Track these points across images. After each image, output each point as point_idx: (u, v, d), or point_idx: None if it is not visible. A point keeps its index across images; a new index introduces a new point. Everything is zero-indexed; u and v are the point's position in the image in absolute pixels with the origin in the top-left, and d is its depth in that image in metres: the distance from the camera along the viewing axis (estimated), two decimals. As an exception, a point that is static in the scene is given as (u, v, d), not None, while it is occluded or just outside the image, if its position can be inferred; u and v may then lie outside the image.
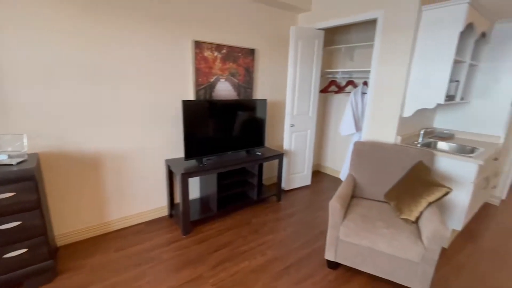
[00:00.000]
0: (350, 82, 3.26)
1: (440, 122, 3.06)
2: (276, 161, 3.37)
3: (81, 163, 2.10)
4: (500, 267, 2.07)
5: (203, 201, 2.76)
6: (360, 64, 3.34)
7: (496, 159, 2.52)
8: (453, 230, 2.29)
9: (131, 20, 2.09)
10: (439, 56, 2.12)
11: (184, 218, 2.29)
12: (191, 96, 2.55)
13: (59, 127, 1.95)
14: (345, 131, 3.07)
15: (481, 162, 1.98)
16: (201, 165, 2.36)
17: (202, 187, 2.80)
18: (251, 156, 2.74)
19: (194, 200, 2.79)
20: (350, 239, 1.78)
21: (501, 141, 2.64)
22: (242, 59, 2.78)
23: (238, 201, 2.76)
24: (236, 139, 2.68)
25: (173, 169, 2.36)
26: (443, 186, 1.70)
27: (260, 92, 3.09)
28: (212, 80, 2.62)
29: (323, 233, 2.44)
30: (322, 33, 3.03)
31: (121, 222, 2.41)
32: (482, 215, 2.89)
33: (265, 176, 3.48)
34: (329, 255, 1.89)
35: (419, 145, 2.45)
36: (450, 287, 1.84)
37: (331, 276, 1.90)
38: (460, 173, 2.10)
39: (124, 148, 2.28)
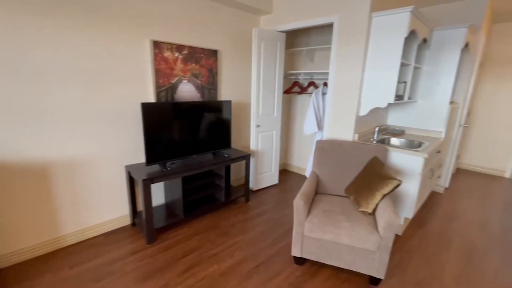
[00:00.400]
0: (312, 83, 3.40)
1: (393, 120, 3.33)
2: (243, 162, 3.38)
3: (25, 173, 1.89)
4: (446, 247, 2.31)
5: (169, 206, 2.67)
6: (320, 66, 3.50)
7: (439, 151, 2.81)
8: (406, 219, 2.50)
9: (80, 19, 1.94)
10: (388, 59, 2.31)
11: (148, 226, 2.18)
12: (151, 98, 2.44)
13: (-3, 135, 1.74)
14: (308, 130, 3.18)
15: (426, 155, 2.19)
16: (164, 170, 2.28)
17: (167, 192, 2.70)
18: (217, 158, 2.71)
19: (159, 206, 2.68)
20: (314, 235, 1.85)
21: (443, 136, 2.95)
22: (204, 60, 2.74)
23: (205, 205, 2.71)
24: (201, 142, 2.64)
25: (134, 176, 2.24)
26: (394, 178, 1.86)
27: (224, 93, 3.07)
28: (173, 81, 2.54)
29: (291, 230, 2.51)
30: (283, 35, 3.11)
31: (77, 235, 2.22)
32: (430, 203, 3.21)
33: (233, 177, 3.47)
34: (296, 251, 1.95)
35: (374, 142, 2.64)
36: (404, 269, 2.01)
37: (298, 271, 1.96)
38: (409, 166, 2.30)
39: (77, 154, 2.10)
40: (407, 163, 2.31)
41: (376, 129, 2.74)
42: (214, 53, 2.81)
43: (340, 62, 2.56)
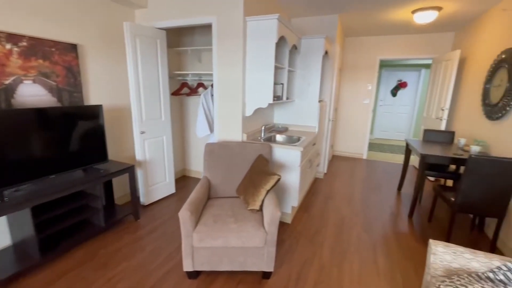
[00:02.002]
0: (201, 84, 3.31)
1: (278, 118, 3.64)
2: (127, 176, 2.95)
3: None
4: (324, 225, 2.68)
5: (18, 248, 2.01)
6: (208, 67, 3.45)
7: (314, 144, 3.26)
8: (293, 207, 2.77)
9: None
10: (264, 62, 2.46)
11: (-26, 284, 1.55)
12: (-32, 105, 1.75)
13: None
14: (200, 132, 3.08)
15: (302, 149, 2.47)
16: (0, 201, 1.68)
17: (14, 229, 2.03)
18: (89, 175, 2.24)
19: (4, 249, 1.99)
20: (204, 244, 1.76)
21: (316, 130, 3.44)
22: (58, 56, 2.20)
23: (76, 234, 2.19)
24: (62, 158, 2.10)
25: None
26: (274, 174, 1.98)
27: (95, 96, 2.58)
28: (7, 82, 1.91)
29: (186, 242, 2.34)
30: (163, 33, 2.87)
31: None
32: (313, 188, 3.70)
33: (118, 194, 2.98)
34: (187, 266, 1.81)
35: (262, 140, 2.78)
36: (292, 255, 2.19)
37: (193, 286, 1.83)
38: (290, 159, 2.54)
39: None
40: (288, 157, 2.54)
41: (263, 128, 2.91)
42: (72, 48, 2.30)
43: (222, 64, 2.56)
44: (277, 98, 2.78)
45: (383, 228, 2.68)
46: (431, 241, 1.41)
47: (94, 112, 2.32)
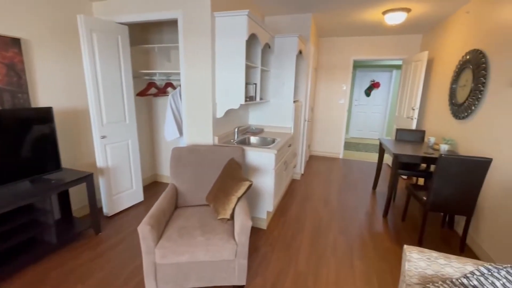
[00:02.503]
0: (169, 84, 3.11)
1: (254, 119, 3.53)
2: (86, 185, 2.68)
3: None
4: (301, 229, 2.60)
5: None
6: (178, 66, 3.25)
7: (290, 145, 3.18)
8: (268, 212, 2.66)
9: None
10: (234, 61, 2.33)
11: None
12: None
13: None
14: (169, 135, 2.88)
15: (275, 152, 2.36)
16: None
17: None
18: (37, 186, 1.97)
19: None
20: (168, 260, 1.59)
21: (292, 130, 3.37)
22: (-5, 51, 1.92)
23: (21, 256, 1.92)
24: (3, 168, 1.83)
25: None
26: (246, 180, 1.86)
27: (45, 97, 2.30)
28: None
29: (153, 256, 2.14)
30: (125, 28, 2.64)
31: None
32: (290, 190, 3.63)
33: (78, 205, 2.71)
34: (149, 286, 1.63)
35: (235, 143, 2.65)
36: (267, 264, 2.07)
37: (156, 307, 1.65)
38: (263, 162, 2.43)
39: None
40: (262, 160, 2.43)
41: (236, 129, 2.78)
42: (14, 42, 2.02)
43: (190, 62, 2.40)
44: (249, 98, 2.65)
45: (359, 229, 2.66)
46: (405, 247, 1.35)
47: (43, 115, 2.06)
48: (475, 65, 2.56)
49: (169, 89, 3.14)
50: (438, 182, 2.21)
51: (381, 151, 3.59)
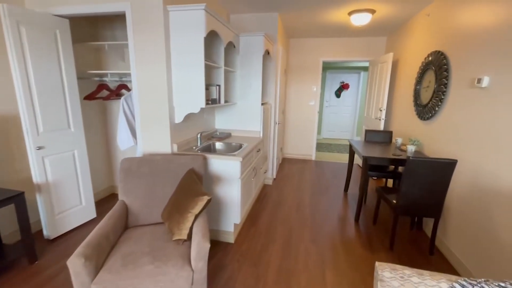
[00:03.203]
0: (123, 86, 2.79)
1: (221, 123, 3.31)
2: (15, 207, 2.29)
3: None
4: (272, 239, 2.43)
5: None
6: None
7: (258, 150, 3.01)
8: (236, 225, 2.45)
9: None
10: (192, 61, 2.11)
11: None
12: None
13: None
14: (123, 144, 2.57)
15: (241, 159, 2.17)
16: None
17: None
18: None
19: None
20: (108, 297, 1.32)
21: (261, 134, 3.20)
22: None
23: None
24: None
25: None
26: (204, 194, 1.64)
27: (-42, 103, 1.90)
28: None
29: None
30: (65, 22, 2.30)
31: None
32: (261, 196, 3.46)
33: (10, 229, 2.30)
34: (86, 330, 1.35)
35: (197, 150, 2.42)
36: (235, 283, 1.87)
37: None
38: (229, 171, 2.22)
39: None
40: (227, 169, 2.22)
41: (199, 135, 2.55)
42: None
43: (142, 62, 2.13)
44: (212, 101, 2.44)
45: (331, 236, 2.55)
46: (377, 265, 1.23)
47: (-50, 125, 1.67)
48: (437, 66, 2.59)
49: (124, 91, 2.82)
50: (406, 185, 2.17)
51: (351, 152, 3.56)
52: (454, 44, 2.39)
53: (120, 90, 2.78)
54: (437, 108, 2.55)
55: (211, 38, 2.56)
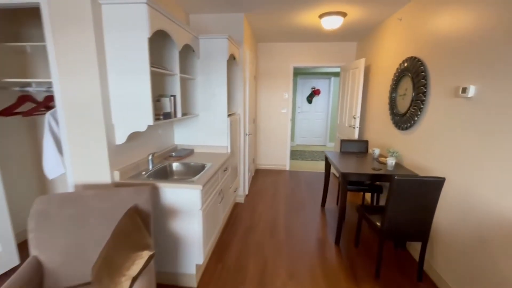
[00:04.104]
0: (51, 98, 2.24)
1: (181, 138, 2.87)
2: None
3: None
4: (242, 279, 2.04)
5: None
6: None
7: (225, 169, 2.62)
8: (198, 265, 2.03)
9: None
10: (135, 67, 1.68)
11: None
12: None
13: None
14: (51, 171, 2.03)
15: (201, 187, 1.77)
16: None
17: None
18: None
19: None
20: None
21: (229, 149, 2.82)
22: None
23: None
24: None
25: None
26: (145, 247, 1.22)
27: None
28: None
29: None
30: (-41, 15, 1.74)
31: None
32: (232, 219, 3.06)
33: None
34: None
35: (148, 175, 1.97)
36: None
37: None
38: (186, 202, 1.81)
39: None
40: (184, 199, 1.80)
41: (150, 157, 2.10)
42: None
43: (65, 67, 1.65)
44: (164, 115, 2.01)
45: (311, 267, 2.23)
46: None
47: None
48: (414, 73, 2.42)
49: (53, 103, 2.27)
50: (392, 207, 1.92)
51: (327, 165, 3.31)
52: (431, 50, 2.22)
53: (48, 102, 2.23)
54: (416, 118, 2.37)
55: (163, 40, 2.14)
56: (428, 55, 2.27)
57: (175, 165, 2.32)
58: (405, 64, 2.61)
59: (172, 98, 2.12)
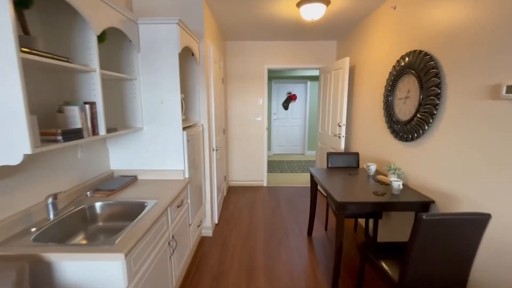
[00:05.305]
0: None
1: (121, 161, 2.09)
2: None
3: None
4: None
5: None
6: None
7: (180, 205, 1.90)
8: None
9: None
10: (-14, 51, 0.93)
11: None
12: None
13: None
14: None
15: (123, 256, 1.04)
16: None
17: None
18: None
19: None
20: None
21: (186, 175, 2.10)
22: None
23: None
24: None
25: None
26: None
27: None
28: None
29: None
30: None
31: None
32: (194, 265, 2.31)
33: None
34: None
35: (39, 233, 1.19)
36: None
37: None
38: (102, 280, 1.07)
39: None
40: (96, 277, 1.06)
41: (49, 200, 1.32)
42: None
43: None
44: (69, 134, 1.25)
45: None
46: None
47: None
48: (422, 71, 1.91)
49: None
50: (417, 255, 1.34)
51: (313, 183, 2.72)
52: (445, 41, 1.73)
53: None
54: (426, 127, 1.86)
55: (69, 19, 1.39)
56: (439, 47, 1.78)
57: (99, 207, 1.56)
58: (406, 60, 2.11)
59: (87, 106, 1.38)
